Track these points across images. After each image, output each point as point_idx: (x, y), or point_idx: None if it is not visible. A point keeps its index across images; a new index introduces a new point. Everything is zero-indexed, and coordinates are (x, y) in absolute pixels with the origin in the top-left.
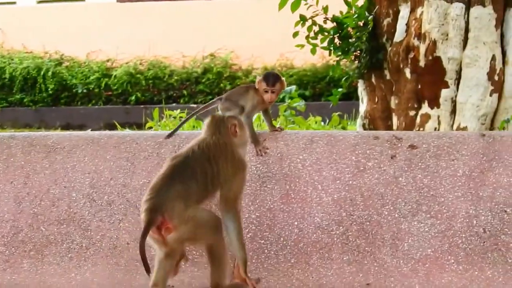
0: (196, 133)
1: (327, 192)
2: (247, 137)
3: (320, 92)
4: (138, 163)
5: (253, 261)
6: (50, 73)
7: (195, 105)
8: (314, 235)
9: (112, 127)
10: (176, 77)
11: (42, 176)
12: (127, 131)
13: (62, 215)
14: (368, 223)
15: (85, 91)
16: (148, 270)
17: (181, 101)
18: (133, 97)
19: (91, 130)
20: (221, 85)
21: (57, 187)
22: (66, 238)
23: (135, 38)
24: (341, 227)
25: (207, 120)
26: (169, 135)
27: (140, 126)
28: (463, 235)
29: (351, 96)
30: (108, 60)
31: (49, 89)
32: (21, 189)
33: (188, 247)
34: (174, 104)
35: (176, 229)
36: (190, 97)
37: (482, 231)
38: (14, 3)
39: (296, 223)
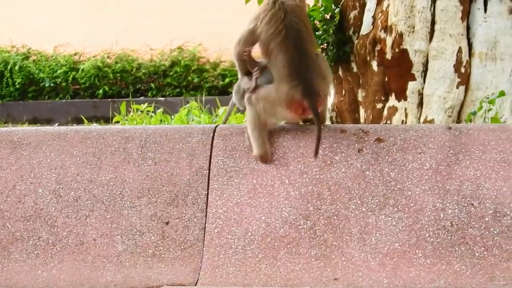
0: (163, 127)
1: (294, 186)
2: None
3: None
4: (104, 158)
5: (221, 256)
6: (17, 67)
7: (162, 99)
8: (282, 230)
9: (79, 121)
10: (143, 70)
11: (8, 172)
12: (94, 126)
13: (28, 211)
14: (335, 217)
15: (52, 85)
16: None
17: (149, 94)
18: (100, 91)
19: (59, 125)
20: (189, 78)
21: (23, 183)
22: (32, 235)
23: (102, 32)
24: (308, 222)
25: None
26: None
27: (107, 120)
28: (431, 229)
29: None
30: (75, 54)
31: (16, 83)
32: None
33: (156, 243)
34: (142, 98)
35: (322, 102)
36: (158, 90)
37: (450, 224)
38: None
39: (263, 217)
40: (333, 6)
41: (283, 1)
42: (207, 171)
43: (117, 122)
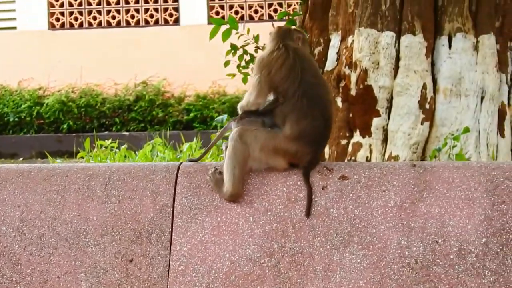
0: (127, 164)
1: (258, 224)
2: None
3: None
4: (68, 196)
5: None
6: None
7: (127, 133)
8: (246, 268)
9: (44, 156)
10: (108, 105)
11: None
12: (57, 164)
13: None
14: (300, 254)
15: (16, 119)
16: None
17: (114, 129)
18: (65, 125)
19: (23, 159)
20: (154, 112)
21: None
22: None
23: (67, 66)
24: (273, 259)
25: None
26: (196, 160)
27: (72, 155)
28: (395, 266)
29: None
30: (40, 88)
31: None
32: None
33: (120, 281)
34: (106, 132)
35: None
36: (123, 125)
37: (414, 262)
38: None
39: (227, 255)
40: None
41: (294, 48)
42: (171, 209)
43: (82, 158)
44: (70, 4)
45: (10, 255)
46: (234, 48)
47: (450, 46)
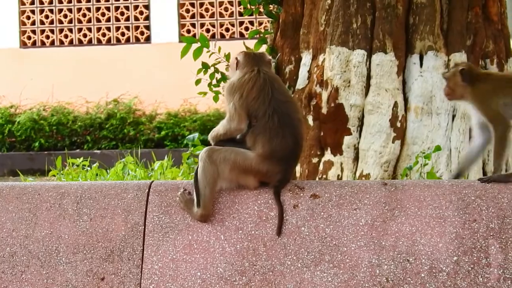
0: (98, 183)
1: (229, 242)
2: None
3: None
4: (40, 214)
5: None
6: None
7: (98, 151)
8: (217, 286)
9: (15, 174)
10: (79, 123)
11: None
12: (29, 182)
13: None
14: (271, 273)
15: None
16: None
17: (85, 147)
18: (36, 144)
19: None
20: (125, 130)
21: None
22: None
23: (38, 84)
24: (244, 277)
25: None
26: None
27: (44, 173)
28: (366, 285)
29: None
30: (11, 107)
31: None
32: None
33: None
34: (78, 150)
35: None
36: (94, 143)
37: (385, 280)
38: None
39: (199, 273)
40: None
41: (264, 70)
42: (143, 227)
43: (53, 176)
44: (42, 22)
45: None
46: (205, 66)
47: (421, 65)
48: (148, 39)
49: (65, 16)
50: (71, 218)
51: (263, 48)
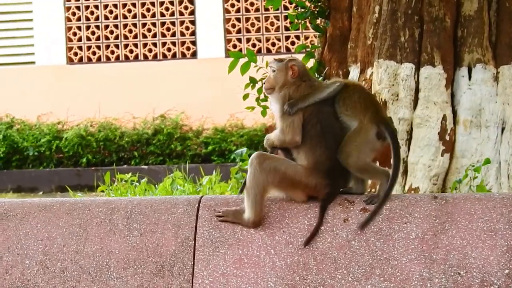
0: (148, 198)
1: (280, 256)
2: None
3: None
4: (90, 230)
5: None
6: (1, 136)
7: (146, 167)
8: None
9: (63, 189)
10: (126, 139)
11: None
12: (79, 198)
13: (15, 282)
14: (321, 287)
15: (36, 153)
16: None
17: (132, 162)
18: (84, 159)
19: (43, 193)
20: (172, 146)
21: (10, 254)
22: None
23: (85, 100)
24: None
25: None
26: None
27: (91, 189)
28: None
29: None
30: (59, 123)
31: (0, 152)
32: None
33: None
34: (125, 166)
35: None
36: (141, 159)
37: None
38: None
39: None
40: (316, 74)
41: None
42: (193, 242)
43: (102, 191)
44: (88, 39)
45: None
46: (253, 81)
47: (470, 77)
48: (194, 55)
49: (111, 32)
50: (121, 233)
51: (311, 63)
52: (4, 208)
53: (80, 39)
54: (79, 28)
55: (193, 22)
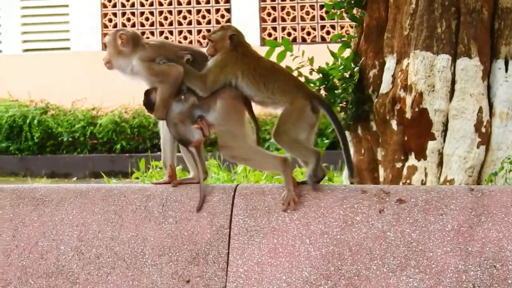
0: (183, 185)
1: (315, 246)
2: None
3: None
4: (126, 216)
5: None
6: (35, 122)
7: (179, 154)
8: None
9: (97, 175)
10: None
11: (31, 229)
12: (115, 184)
13: (50, 268)
14: (356, 277)
15: (70, 139)
16: None
17: None
18: (118, 146)
19: (77, 179)
20: None
21: (45, 240)
22: None
23: (119, 87)
24: (329, 282)
25: None
26: None
27: (125, 175)
28: None
29: (335, 145)
30: (93, 109)
31: (35, 138)
32: (10, 241)
33: None
34: (158, 153)
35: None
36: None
37: (472, 286)
38: None
39: (284, 277)
40: (352, 64)
41: None
42: (228, 230)
43: (137, 178)
44: (124, 25)
45: (68, 274)
46: (289, 70)
47: (506, 70)
48: None
49: (147, 19)
50: (156, 221)
51: (347, 52)
52: (40, 193)
53: (115, 26)
54: (114, 14)
55: (228, 10)
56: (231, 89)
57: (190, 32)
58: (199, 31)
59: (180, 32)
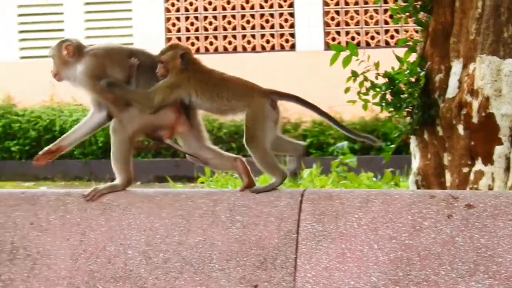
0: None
1: (383, 251)
2: None
3: (369, 146)
4: (193, 221)
5: None
6: None
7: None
8: None
9: (161, 180)
10: (224, 130)
11: (98, 233)
12: (182, 189)
13: (118, 272)
14: (425, 283)
15: None
16: None
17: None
18: None
19: (141, 183)
20: None
21: (113, 244)
22: None
23: None
24: (398, 287)
25: None
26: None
27: (190, 179)
28: None
29: (400, 150)
30: None
31: (99, 142)
32: (77, 246)
33: None
34: None
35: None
36: (239, 150)
37: None
38: None
39: (352, 282)
40: (418, 69)
41: None
42: (296, 235)
43: (202, 182)
44: (187, 30)
45: (136, 279)
46: (354, 74)
47: None
48: (293, 47)
49: (210, 23)
50: (224, 225)
51: (413, 57)
52: (107, 198)
53: (179, 30)
54: (178, 19)
55: (292, 15)
56: None
57: (253, 36)
58: (262, 36)
59: (244, 37)
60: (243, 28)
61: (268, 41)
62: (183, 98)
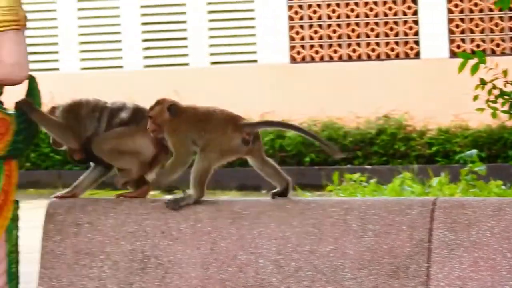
0: (382, 199)
1: None
2: None
3: (496, 153)
4: (324, 230)
5: None
6: None
7: (369, 167)
8: None
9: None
10: (350, 138)
11: (229, 242)
12: (312, 198)
13: (249, 281)
14: None
15: None
16: None
17: (356, 162)
18: (307, 158)
19: (265, 192)
20: (395, 146)
21: (244, 253)
22: None
23: (308, 99)
24: None
25: None
26: None
27: (315, 188)
28: None
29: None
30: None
31: None
32: (208, 255)
33: None
34: (348, 166)
35: None
36: (365, 159)
37: None
38: (187, 64)
39: None
40: None
41: None
42: (428, 244)
43: (330, 191)
44: (311, 38)
45: None
46: (483, 82)
47: None
48: (417, 55)
49: (334, 31)
50: (355, 234)
51: None
52: (238, 206)
53: (302, 38)
54: (301, 27)
55: (416, 22)
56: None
57: (378, 44)
58: (386, 43)
59: (368, 45)
60: (367, 36)
61: (392, 49)
62: (193, 140)
